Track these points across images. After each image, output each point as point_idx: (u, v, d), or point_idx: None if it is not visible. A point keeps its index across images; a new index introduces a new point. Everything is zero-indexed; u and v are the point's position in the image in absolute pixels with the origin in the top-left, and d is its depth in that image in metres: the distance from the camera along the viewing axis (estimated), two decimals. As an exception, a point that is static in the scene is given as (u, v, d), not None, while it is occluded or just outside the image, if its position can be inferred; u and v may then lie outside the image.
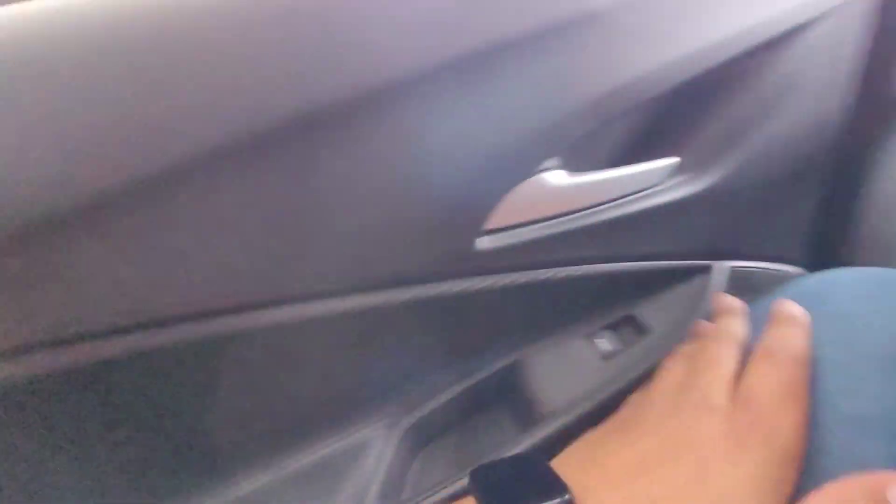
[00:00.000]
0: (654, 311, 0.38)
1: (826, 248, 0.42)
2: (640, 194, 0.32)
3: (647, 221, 0.33)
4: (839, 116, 0.33)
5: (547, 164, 0.30)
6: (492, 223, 0.30)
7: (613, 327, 0.38)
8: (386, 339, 0.30)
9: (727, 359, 0.25)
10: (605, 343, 0.37)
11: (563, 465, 0.24)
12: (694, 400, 0.24)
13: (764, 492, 0.20)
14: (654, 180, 0.32)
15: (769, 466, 0.20)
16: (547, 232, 0.30)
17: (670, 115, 0.32)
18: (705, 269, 0.39)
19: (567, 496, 0.21)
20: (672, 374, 0.27)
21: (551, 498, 0.21)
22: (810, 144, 0.33)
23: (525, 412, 0.35)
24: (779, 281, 0.41)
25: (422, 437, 0.34)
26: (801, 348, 0.24)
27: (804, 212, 0.39)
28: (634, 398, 0.28)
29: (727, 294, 0.30)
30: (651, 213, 0.32)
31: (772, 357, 0.24)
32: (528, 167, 0.29)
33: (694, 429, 0.22)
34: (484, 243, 0.29)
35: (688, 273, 0.39)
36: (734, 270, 0.38)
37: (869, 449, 0.20)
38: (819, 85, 0.31)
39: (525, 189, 0.29)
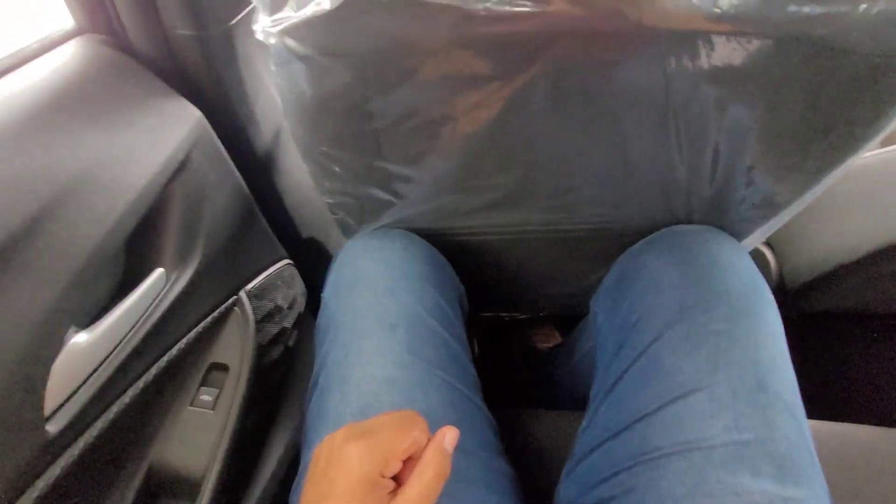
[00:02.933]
0: (225, 349, 0.52)
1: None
2: (155, 301, 0.43)
3: (172, 311, 0.45)
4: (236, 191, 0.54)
5: (69, 333, 0.36)
6: (51, 405, 0.35)
7: (205, 379, 0.51)
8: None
9: None
10: (206, 396, 0.49)
11: None
12: None
13: None
14: (158, 289, 0.43)
15: None
16: (105, 377, 0.38)
17: (140, 243, 0.43)
18: (238, 301, 0.55)
19: None
20: None
21: None
22: (233, 225, 0.52)
23: (184, 491, 0.45)
24: (284, 275, 0.62)
25: None
26: None
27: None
28: None
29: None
30: (172, 306, 0.44)
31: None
32: (52, 346, 0.35)
33: None
34: (56, 425, 0.35)
35: (228, 311, 0.54)
36: (249, 290, 0.56)
37: None
38: (217, 188, 0.50)
39: (62, 363, 0.35)
